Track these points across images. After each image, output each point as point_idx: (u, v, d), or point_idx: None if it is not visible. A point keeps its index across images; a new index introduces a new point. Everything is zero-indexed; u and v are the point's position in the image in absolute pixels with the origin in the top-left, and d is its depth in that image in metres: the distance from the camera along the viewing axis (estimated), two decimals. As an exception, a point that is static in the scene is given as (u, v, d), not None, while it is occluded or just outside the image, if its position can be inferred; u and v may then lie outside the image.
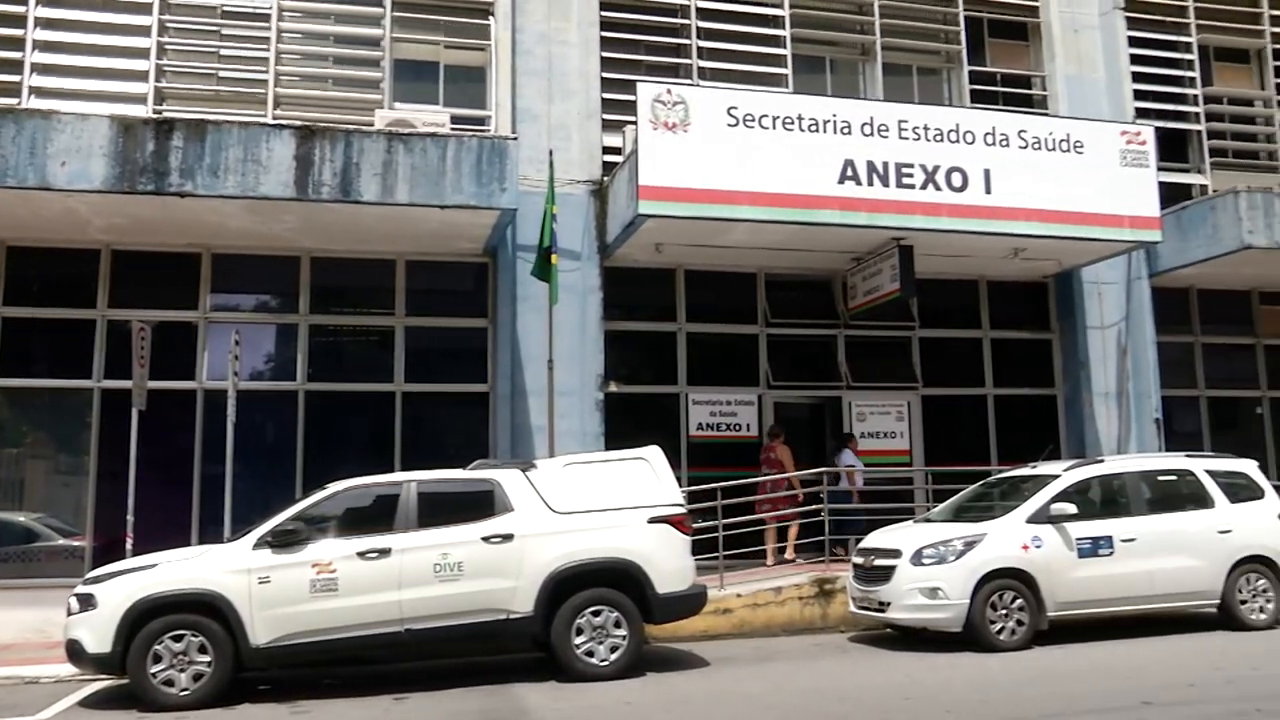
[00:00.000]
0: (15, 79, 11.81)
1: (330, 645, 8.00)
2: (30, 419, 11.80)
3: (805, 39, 14.15)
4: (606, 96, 13.09)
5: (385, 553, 8.09)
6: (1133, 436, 14.24)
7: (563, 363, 12.09)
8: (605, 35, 13.32)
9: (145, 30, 12.13)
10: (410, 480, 8.63)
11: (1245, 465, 11.01)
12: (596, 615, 8.38)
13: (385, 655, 8.83)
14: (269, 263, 12.25)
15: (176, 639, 7.69)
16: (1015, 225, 12.11)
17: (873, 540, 10.37)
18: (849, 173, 11.53)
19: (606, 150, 13.02)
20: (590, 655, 8.33)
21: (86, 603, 7.81)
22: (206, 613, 7.76)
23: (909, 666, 8.77)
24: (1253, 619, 10.09)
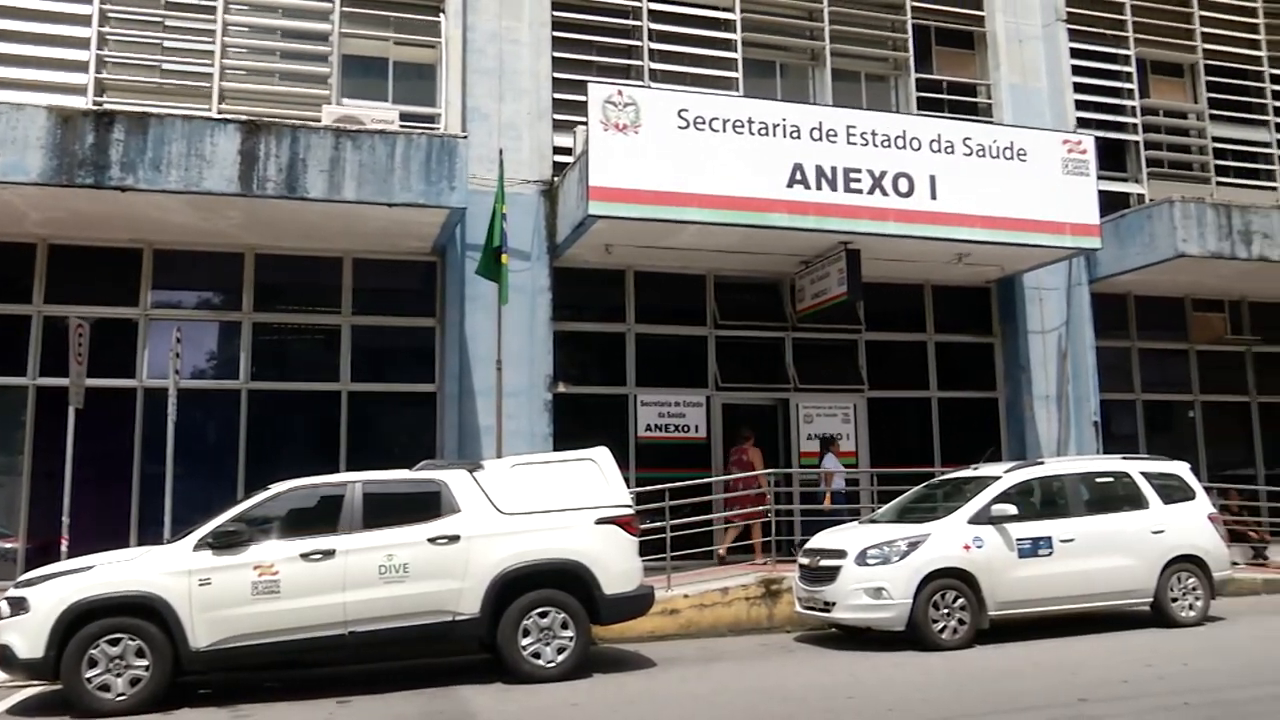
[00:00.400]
0: (-52, 67, 11.51)
1: (272, 648, 7.88)
2: (-39, 417, 11.49)
3: (756, 43, 14.26)
4: (558, 96, 13.07)
5: (329, 554, 7.99)
6: (1072, 439, 14.56)
7: (511, 363, 12.04)
8: (557, 35, 13.30)
9: (85, 20, 11.86)
10: (355, 481, 8.52)
11: (1178, 467, 11.33)
12: (544, 616, 8.35)
13: (329, 658, 8.70)
14: (212, 259, 12.05)
15: (113, 643, 7.51)
16: (960, 231, 12.30)
17: (818, 541, 10.46)
18: (798, 177, 11.63)
19: (557, 150, 13.01)
20: (537, 657, 8.30)
21: (18, 606, 7.60)
22: (145, 615, 7.60)
23: (853, 666, 8.87)
24: (1183, 616, 10.38)
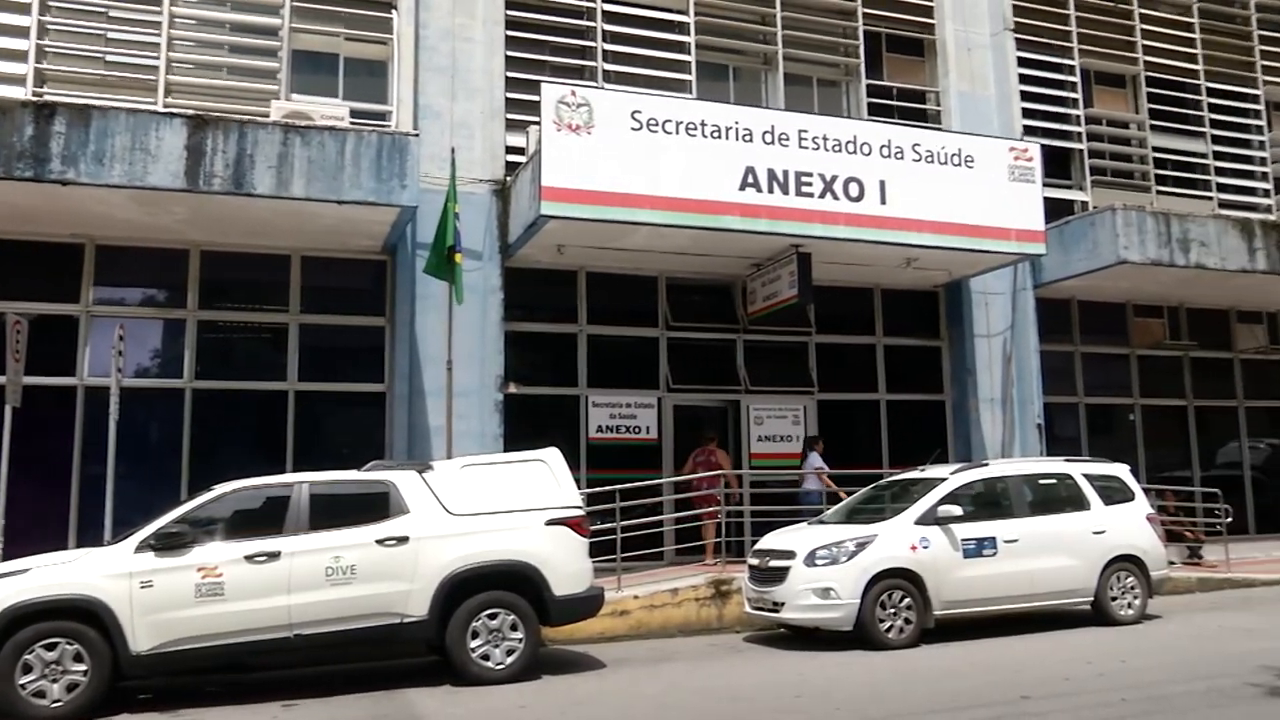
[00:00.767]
0: (-121, 54, 11.17)
1: (215, 651, 7.76)
2: (-109, 415, 11.15)
3: (709, 46, 14.32)
4: (511, 96, 13.01)
5: (274, 556, 7.89)
6: (1016, 441, 14.81)
7: (462, 363, 11.96)
8: (510, 34, 13.24)
9: (25, 7, 11.56)
10: (302, 482, 8.42)
11: (1118, 469, 11.57)
12: (493, 618, 8.31)
13: (273, 661, 8.59)
14: (156, 255, 11.81)
15: (49, 647, 7.33)
16: (909, 235, 12.45)
17: (768, 542, 10.53)
18: (750, 180, 11.70)
19: (510, 150, 12.94)
20: (486, 659, 8.26)
21: (-49, 611, 7.40)
22: (83, 619, 7.43)
23: (801, 665, 8.95)
24: (1122, 614, 10.60)
